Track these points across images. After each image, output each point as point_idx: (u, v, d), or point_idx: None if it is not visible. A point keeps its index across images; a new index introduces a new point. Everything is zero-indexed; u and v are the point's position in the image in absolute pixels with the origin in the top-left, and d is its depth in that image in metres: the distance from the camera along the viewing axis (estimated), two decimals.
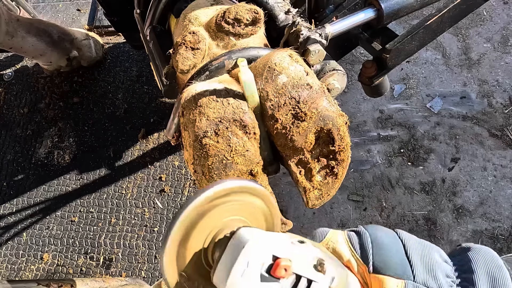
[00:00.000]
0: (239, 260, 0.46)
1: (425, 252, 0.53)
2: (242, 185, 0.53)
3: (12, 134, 2.11)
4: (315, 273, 0.47)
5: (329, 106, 0.73)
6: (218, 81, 0.77)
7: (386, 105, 1.97)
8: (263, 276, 0.46)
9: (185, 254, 0.51)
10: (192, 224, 0.50)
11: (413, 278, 0.50)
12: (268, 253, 0.47)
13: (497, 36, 2.06)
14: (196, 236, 0.51)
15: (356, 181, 1.82)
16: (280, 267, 0.45)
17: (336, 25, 0.89)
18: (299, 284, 0.46)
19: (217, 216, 0.52)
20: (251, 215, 0.56)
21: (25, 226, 1.87)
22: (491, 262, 0.51)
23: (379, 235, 0.56)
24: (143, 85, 2.13)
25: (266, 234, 0.50)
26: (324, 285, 0.46)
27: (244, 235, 0.48)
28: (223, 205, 0.52)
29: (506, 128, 1.84)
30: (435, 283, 0.50)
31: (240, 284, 0.45)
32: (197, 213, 0.50)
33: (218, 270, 0.47)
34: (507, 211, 1.68)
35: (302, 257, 0.47)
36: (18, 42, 1.84)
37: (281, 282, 0.46)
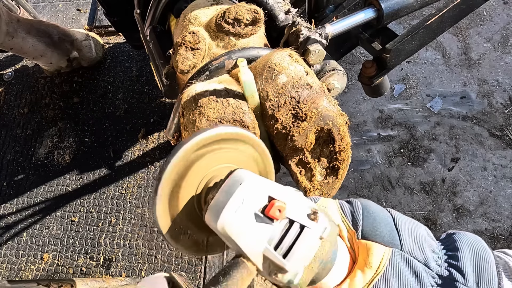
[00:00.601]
0: (235, 196, 0.45)
1: (414, 227, 0.54)
2: (230, 132, 0.52)
3: (12, 134, 2.11)
4: (308, 221, 0.46)
5: (329, 106, 0.73)
6: (218, 81, 0.77)
7: (386, 105, 1.97)
8: (257, 215, 0.45)
9: (177, 203, 0.51)
10: (182, 172, 0.50)
11: (400, 247, 0.51)
12: (264, 194, 0.46)
13: (497, 36, 2.06)
14: (188, 183, 0.51)
15: (356, 181, 1.82)
16: (275, 207, 0.45)
17: (336, 25, 0.89)
18: (291, 228, 0.46)
19: (208, 164, 0.52)
20: (243, 163, 0.56)
21: (25, 226, 1.87)
22: (476, 242, 0.52)
23: (370, 205, 0.56)
24: (143, 85, 2.13)
25: (263, 178, 0.50)
26: (316, 233, 0.46)
27: (241, 175, 0.48)
28: (214, 152, 0.51)
29: (506, 128, 1.84)
30: (421, 254, 0.51)
31: (233, 220, 0.45)
32: (186, 161, 0.49)
33: (211, 207, 0.47)
34: (507, 211, 1.68)
35: (296, 203, 0.47)
36: (19, 43, 1.84)
37: (274, 224, 0.45)
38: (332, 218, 0.52)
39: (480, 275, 0.49)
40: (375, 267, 0.50)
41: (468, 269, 0.49)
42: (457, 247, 0.52)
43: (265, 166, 0.59)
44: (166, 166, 0.49)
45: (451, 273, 0.49)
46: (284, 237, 0.45)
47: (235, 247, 0.46)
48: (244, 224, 0.45)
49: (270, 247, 0.45)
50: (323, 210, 0.50)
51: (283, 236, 0.45)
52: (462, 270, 0.49)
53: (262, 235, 0.45)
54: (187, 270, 1.61)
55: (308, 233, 0.45)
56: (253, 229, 0.45)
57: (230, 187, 0.47)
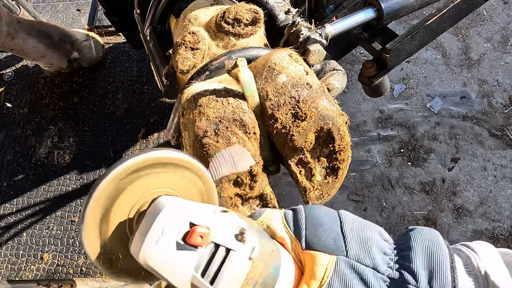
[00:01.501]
0: (154, 226, 0.44)
1: (362, 230, 0.52)
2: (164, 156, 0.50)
3: (12, 134, 2.11)
4: (234, 242, 0.45)
5: (329, 105, 0.73)
6: (218, 81, 0.77)
7: (386, 105, 1.97)
8: (178, 244, 0.44)
9: (108, 227, 0.49)
10: (112, 197, 0.48)
11: (345, 254, 0.50)
12: (185, 220, 0.45)
13: (497, 36, 2.06)
14: (120, 208, 0.49)
15: (356, 181, 1.82)
16: (196, 233, 0.43)
17: (336, 25, 0.89)
18: (216, 252, 0.44)
19: (144, 187, 0.50)
20: (183, 189, 0.54)
21: (25, 226, 1.87)
22: (430, 239, 0.51)
23: (315, 212, 0.54)
24: (143, 85, 2.13)
25: (186, 202, 0.48)
26: (243, 254, 0.45)
27: (161, 202, 0.47)
28: (151, 175, 0.50)
29: (506, 128, 1.84)
30: (369, 259, 0.49)
31: (154, 252, 0.44)
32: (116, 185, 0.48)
33: (135, 238, 0.46)
34: (507, 211, 1.68)
35: (222, 225, 0.46)
36: (19, 44, 1.84)
37: (198, 251, 0.44)
38: (266, 235, 0.51)
39: (432, 274, 0.47)
40: (320, 277, 0.48)
41: (420, 270, 0.48)
42: (410, 246, 0.50)
43: (207, 194, 0.57)
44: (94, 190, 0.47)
45: (402, 275, 0.48)
46: (210, 263, 0.44)
47: (161, 278, 0.45)
48: (166, 255, 0.44)
49: (197, 274, 0.43)
50: (254, 228, 0.49)
51: (209, 262, 0.44)
52: (413, 270, 0.48)
53: (187, 263, 0.44)
54: None
55: (233, 257, 0.44)
56: (176, 258, 0.44)
57: (150, 217, 0.45)
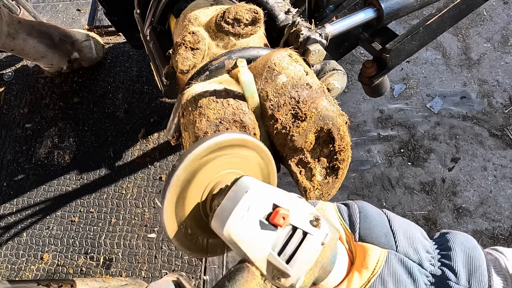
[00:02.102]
0: (240, 204, 0.47)
1: (408, 228, 0.56)
2: (236, 138, 0.53)
3: (12, 134, 2.11)
4: (310, 227, 0.48)
5: (329, 105, 0.73)
6: (218, 82, 0.77)
7: (386, 105, 1.97)
8: (262, 222, 0.47)
9: (183, 207, 0.52)
10: (189, 178, 0.51)
11: (395, 249, 0.53)
12: (269, 201, 0.48)
13: (497, 36, 2.06)
14: (194, 190, 0.52)
15: (356, 181, 1.82)
16: (279, 215, 0.46)
17: (336, 25, 0.89)
18: (294, 234, 0.47)
19: (214, 170, 0.53)
20: (247, 168, 0.57)
21: (25, 226, 1.87)
22: (467, 242, 0.54)
23: (366, 208, 0.58)
24: (143, 85, 2.13)
25: (268, 185, 0.51)
26: (318, 239, 0.47)
27: (246, 182, 0.49)
28: (219, 158, 0.53)
29: (506, 128, 1.84)
30: (415, 254, 0.53)
31: (239, 227, 0.46)
32: (193, 167, 0.51)
33: (218, 213, 0.48)
34: (507, 211, 1.68)
35: (299, 210, 0.49)
36: (20, 44, 1.84)
37: (278, 231, 0.47)
38: (333, 223, 0.53)
39: (471, 273, 0.51)
40: (372, 268, 0.52)
41: (460, 268, 0.51)
42: (449, 247, 0.54)
43: (268, 172, 0.61)
44: (174, 172, 0.50)
45: (444, 272, 0.51)
46: (287, 243, 0.47)
47: (240, 252, 0.47)
48: (249, 231, 0.46)
49: (274, 252, 0.46)
50: (324, 216, 0.52)
51: (287, 242, 0.47)
52: (454, 269, 0.51)
53: (266, 241, 0.46)
54: (187, 270, 1.61)
55: (310, 240, 0.47)
56: (258, 235, 0.46)
57: (236, 195, 0.48)
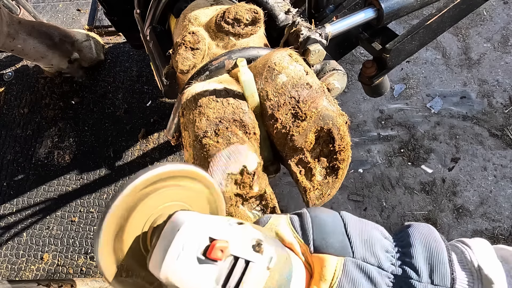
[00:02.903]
0: (174, 243, 0.45)
1: (365, 230, 0.55)
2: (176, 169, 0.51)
3: (12, 134, 2.11)
4: (253, 254, 0.46)
5: (329, 105, 0.73)
6: (218, 81, 0.77)
7: (386, 105, 1.97)
8: (199, 259, 0.45)
9: (122, 245, 0.49)
10: (126, 213, 0.48)
11: (352, 255, 0.52)
12: (204, 235, 0.46)
13: (497, 36, 2.06)
14: (133, 225, 0.50)
15: (356, 181, 1.82)
16: (216, 248, 0.44)
17: (336, 25, 0.89)
18: (236, 265, 0.45)
19: (155, 202, 0.51)
20: (193, 200, 0.55)
21: (25, 226, 1.87)
22: (428, 235, 0.53)
23: (319, 215, 0.56)
24: (143, 85, 2.13)
25: (203, 217, 0.49)
26: (261, 265, 0.46)
27: (179, 218, 0.47)
28: (161, 190, 0.50)
29: (506, 128, 1.84)
30: (374, 258, 0.52)
31: (175, 268, 0.44)
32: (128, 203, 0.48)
33: (154, 255, 0.46)
34: (507, 211, 1.68)
35: (239, 238, 0.47)
36: (20, 45, 1.84)
37: (218, 264, 0.45)
38: (279, 243, 0.52)
39: (433, 268, 0.50)
40: (329, 279, 0.50)
41: (421, 265, 0.50)
42: (410, 243, 0.53)
43: (216, 204, 0.59)
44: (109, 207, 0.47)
45: (405, 271, 0.51)
46: (230, 275, 0.45)
47: None
48: (187, 270, 0.44)
49: (218, 286, 0.45)
50: (269, 237, 0.50)
51: (229, 274, 0.45)
52: (415, 266, 0.50)
53: (208, 277, 0.45)
54: None
55: (254, 268, 0.46)
56: (197, 273, 0.45)
57: (170, 233, 0.46)
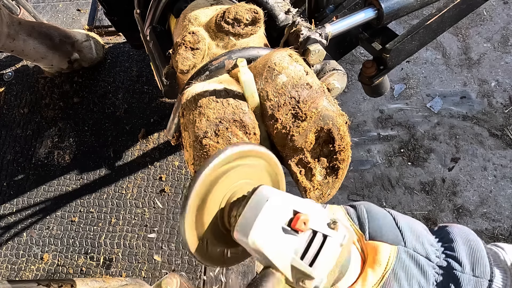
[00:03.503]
0: (263, 213, 0.48)
1: (413, 224, 0.60)
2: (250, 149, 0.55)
3: (12, 134, 2.11)
4: (329, 230, 0.49)
5: (329, 105, 0.73)
6: (218, 82, 0.77)
7: (386, 105, 1.97)
8: (284, 229, 0.48)
9: (202, 220, 0.53)
10: (208, 189, 0.52)
11: (404, 244, 0.57)
12: (289, 208, 0.50)
13: (497, 36, 2.06)
14: (212, 201, 0.53)
15: (356, 181, 1.82)
16: (300, 220, 0.48)
17: (336, 25, 0.89)
18: (315, 238, 0.49)
19: (229, 180, 0.54)
20: (257, 177, 0.58)
21: (25, 226, 1.87)
22: (467, 233, 0.59)
23: (372, 208, 0.61)
24: (143, 85, 2.13)
25: (284, 192, 0.52)
26: (337, 241, 0.49)
27: (265, 191, 0.51)
28: (233, 169, 0.54)
29: (506, 128, 1.84)
30: (422, 249, 0.57)
31: (263, 235, 0.48)
32: (211, 179, 0.52)
33: (241, 223, 0.49)
34: (507, 211, 1.68)
35: (318, 214, 0.50)
36: (20, 45, 1.84)
37: (299, 236, 0.48)
38: (348, 224, 0.56)
39: (474, 262, 0.54)
40: (384, 264, 0.55)
41: (464, 258, 0.55)
42: (451, 239, 0.58)
43: (277, 178, 0.62)
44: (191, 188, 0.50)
45: (449, 263, 0.55)
46: (309, 247, 0.48)
47: (264, 259, 0.48)
48: (273, 238, 0.48)
49: (297, 257, 0.48)
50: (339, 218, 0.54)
51: (308, 246, 0.48)
52: (458, 259, 0.55)
53: (289, 247, 0.48)
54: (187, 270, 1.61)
55: (330, 242, 0.49)
56: (281, 242, 0.48)
57: (256, 204, 0.49)
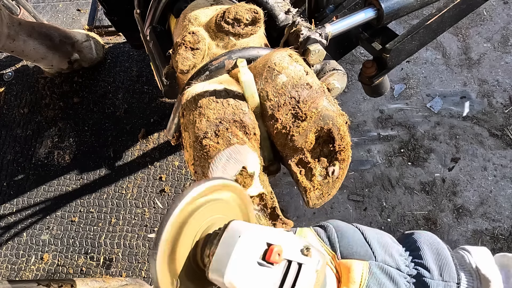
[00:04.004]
0: (237, 248, 0.47)
1: (380, 237, 0.61)
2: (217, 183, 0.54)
3: (12, 134, 2.11)
4: (303, 257, 0.49)
5: (329, 105, 0.73)
6: (218, 82, 0.77)
7: (386, 105, 1.97)
8: (259, 263, 0.48)
9: (175, 261, 0.51)
10: (180, 228, 0.50)
11: (374, 258, 0.58)
12: (262, 241, 0.49)
13: (497, 36, 2.06)
14: (184, 240, 0.51)
15: (356, 181, 1.82)
16: (274, 252, 0.47)
17: (336, 24, 0.89)
18: (290, 268, 0.48)
19: (201, 217, 0.53)
20: (228, 211, 0.57)
21: (25, 226, 1.87)
22: (432, 240, 0.61)
23: (341, 226, 0.64)
24: (143, 85, 2.13)
25: (256, 225, 0.52)
26: (312, 267, 0.49)
27: (237, 226, 0.50)
28: (204, 206, 0.53)
29: (506, 128, 1.84)
30: (392, 260, 0.58)
31: (240, 272, 0.47)
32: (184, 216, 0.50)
33: (215, 263, 0.48)
34: (507, 211, 1.68)
35: (290, 243, 0.50)
36: (20, 46, 1.84)
37: (274, 268, 0.48)
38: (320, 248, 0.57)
39: (441, 267, 0.56)
40: (358, 281, 0.56)
41: (432, 265, 0.57)
42: (418, 247, 0.60)
43: (247, 211, 0.61)
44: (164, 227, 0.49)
45: (418, 271, 0.57)
46: (285, 278, 0.48)
47: None
48: (250, 275, 0.47)
49: None
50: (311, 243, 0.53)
51: (284, 277, 0.48)
52: (426, 266, 0.57)
53: (266, 281, 0.47)
54: None
55: (305, 270, 0.49)
56: (257, 277, 0.47)
57: (229, 241, 0.48)
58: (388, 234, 0.63)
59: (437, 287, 0.55)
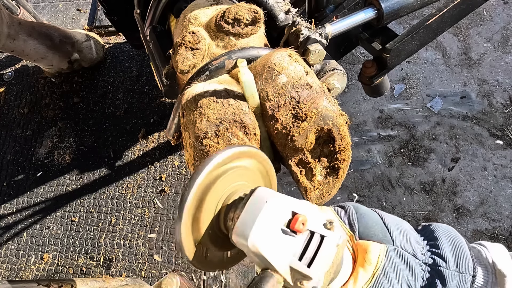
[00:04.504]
0: (262, 214, 0.49)
1: (399, 223, 0.62)
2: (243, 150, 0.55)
3: (12, 134, 2.11)
4: (326, 231, 0.50)
5: (329, 105, 0.73)
6: (218, 82, 0.77)
7: (386, 105, 1.97)
8: (283, 230, 0.49)
9: (198, 225, 0.53)
10: (203, 194, 0.52)
11: (392, 243, 0.59)
12: (287, 209, 0.50)
13: (497, 36, 2.06)
14: (208, 205, 0.53)
15: (356, 181, 1.82)
16: (299, 221, 0.48)
17: (336, 24, 0.89)
18: (312, 239, 0.49)
19: (224, 183, 0.54)
20: (252, 178, 0.58)
21: (25, 226, 1.87)
22: (449, 231, 0.61)
23: (360, 208, 0.64)
24: (143, 85, 2.13)
25: (281, 194, 0.53)
26: (333, 241, 0.50)
27: (263, 193, 0.51)
28: (227, 172, 0.54)
29: (506, 128, 1.84)
30: (410, 247, 0.59)
31: (263, 237, 0.48)
32: (207, 182, 0.51)
33: (240, 226, 0.49)
34: (507, 211, 1.68)
35: (314, 215, 0.51)
36: (20, 46, 1.84)
37: (297, 237, 0.49)
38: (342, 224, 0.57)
39: (458, 259, 0.57)
40: (374, 263, 0.57)
41: (448, 255, 0.57)
42: (435, 237, 0.60)
43: (269, 179, 0.62)
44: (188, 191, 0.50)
45: (434, 260, 0.58)
46: (306, 248, 0.49)
47: (263, 262, 0.48)
48: (272, 240, 0.48)
49: (296, 258, 0.48)
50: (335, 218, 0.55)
51: (306, 247, 0.49)
52: (443, 256, 0.58)
53: (288, 249, 0.48)
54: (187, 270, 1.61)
55: (327, 243, 0.49)
56: (280, 244, 0.48)
57: (255, 206, 0.50)
58: (407, 222, 0.63)
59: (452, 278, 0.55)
